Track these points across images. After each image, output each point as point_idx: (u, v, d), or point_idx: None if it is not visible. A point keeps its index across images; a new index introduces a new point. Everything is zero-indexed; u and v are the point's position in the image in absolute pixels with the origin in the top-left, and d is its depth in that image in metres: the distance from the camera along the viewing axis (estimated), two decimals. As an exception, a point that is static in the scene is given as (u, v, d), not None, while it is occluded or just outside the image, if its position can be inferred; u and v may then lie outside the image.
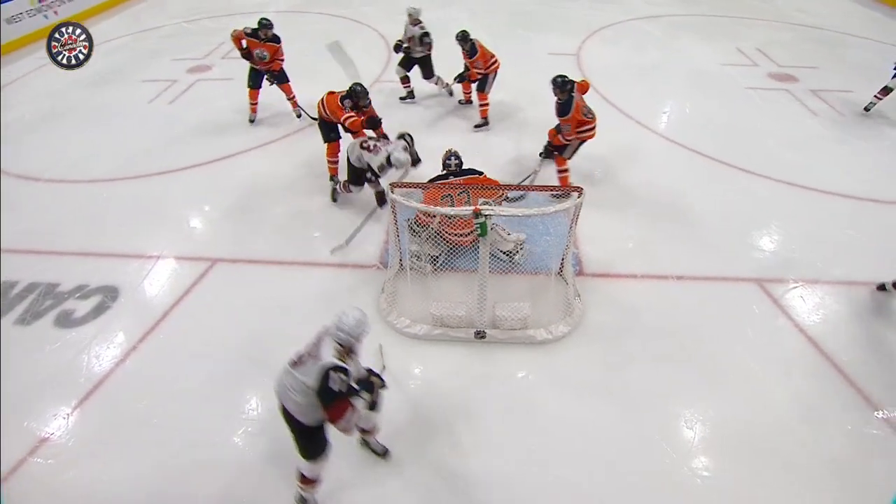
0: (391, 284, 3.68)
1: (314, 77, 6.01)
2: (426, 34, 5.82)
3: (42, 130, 6.13)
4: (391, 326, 3.46)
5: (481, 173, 4.04)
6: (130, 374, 3.27)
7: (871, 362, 3.28)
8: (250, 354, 3.34)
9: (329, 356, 2.16)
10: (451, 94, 6.43)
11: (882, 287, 3.74)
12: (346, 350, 2.24)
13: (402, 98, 6.39)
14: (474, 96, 5.95)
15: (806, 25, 9.14)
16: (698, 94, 6.75)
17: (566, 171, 4.58)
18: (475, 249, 3.13)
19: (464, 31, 5.58)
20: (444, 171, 4.05)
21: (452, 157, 4.04)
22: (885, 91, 5.95)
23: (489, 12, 9.59)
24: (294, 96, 6.02)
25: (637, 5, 10.09)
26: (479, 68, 5.53)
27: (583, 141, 4.42)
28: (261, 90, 5.89)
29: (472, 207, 2.75)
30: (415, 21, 5.86)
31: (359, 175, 4.29)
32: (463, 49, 5.56)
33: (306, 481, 2.46)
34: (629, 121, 6.04)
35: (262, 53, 5.56)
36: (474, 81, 5.72)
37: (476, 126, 5.85)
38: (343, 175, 4.53)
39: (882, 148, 5.56)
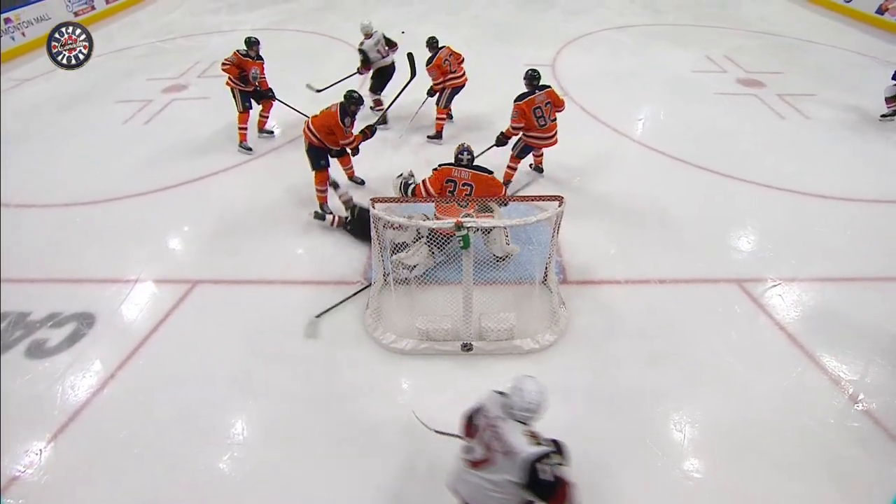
0: (376, 300, 3.65)
1: (288, 96, 6.04)
2: (386, 39, 5.81)
3: (11, 153, 5.95)
4: (377, 342, 3.43)
5: (491, 172, 3.92)
6: (109, 403, 3.16)
7: (850, 356, 3.35)
8: (234, 377, 3.27)
9: (520, 442, 1.90)
10: (384, 121, 5.96)
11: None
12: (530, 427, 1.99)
13: (380, 123, 5.71)
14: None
15: (768, 33, 9.50)
16: (672, 100, 6.93)
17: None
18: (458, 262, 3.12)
19: (431, 37, 5.67)
20: (454, 162, 3.93)
21: (465, 153, 3.90)
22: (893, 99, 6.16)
23: (464, 25, 9.75)
24: (268, 116, 5.98)
25: (609, 16, 10.37)
26: (434, 78, 5.53)
27: (528, 144, 4.71)
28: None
29: (455, 220, 2.75)
30: (368, 35, 5.81)
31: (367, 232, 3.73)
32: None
33: None
34: (606, 128, 6.16)
35: (256, 73, 5.48)
36: (434, 94, 5.64)
37: (428, 137, 5.84)
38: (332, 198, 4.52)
39: (847, 149, 5.76)
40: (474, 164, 3.97)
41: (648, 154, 5.65)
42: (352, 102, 4.38)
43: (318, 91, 6.13)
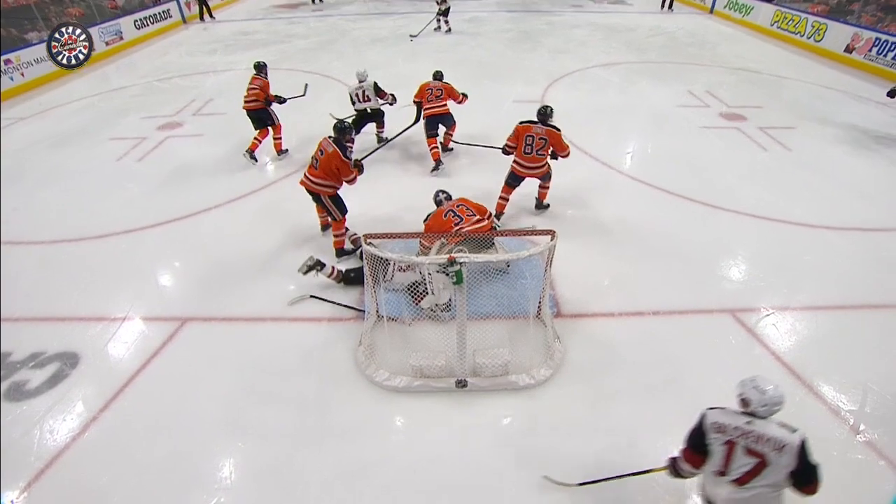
0: (368, 336, 3.59)
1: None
2: (376, 87, 6.10)
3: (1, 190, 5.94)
4: (370, 380, 3.35)
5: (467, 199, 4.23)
6: (89, 447, 3.03)
7: (847, 385, 3.33)
8: (222, 417, 3.17)
9: (783, 433, 2.01)
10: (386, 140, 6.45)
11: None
12: None
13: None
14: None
15: (745, 69, 9.91)
16: (658, 133, 7.13)
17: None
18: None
19: (437, 70, 6.13)
20: (436, 206, 4.27)
21: (440, 193, 4.35)
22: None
23: (455, 64, 10.05)
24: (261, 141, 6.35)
25: (593, 55, 10.77)
26: (418, 107, 5.96)
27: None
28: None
29: (447, 256, 2.74)
30: (360, 80, 6.13)
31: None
32: None
33: None
34: (595, 161, 6.28)
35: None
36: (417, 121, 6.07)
37: (432, 171, 5.96)
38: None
39: (829, 179, 5.91)
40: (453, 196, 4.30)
41: (637, 186, 5.76)
42: (345, 133, 4.44)
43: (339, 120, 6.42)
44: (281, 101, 6.29)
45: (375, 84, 6.13)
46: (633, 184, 5.82)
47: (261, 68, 6.33)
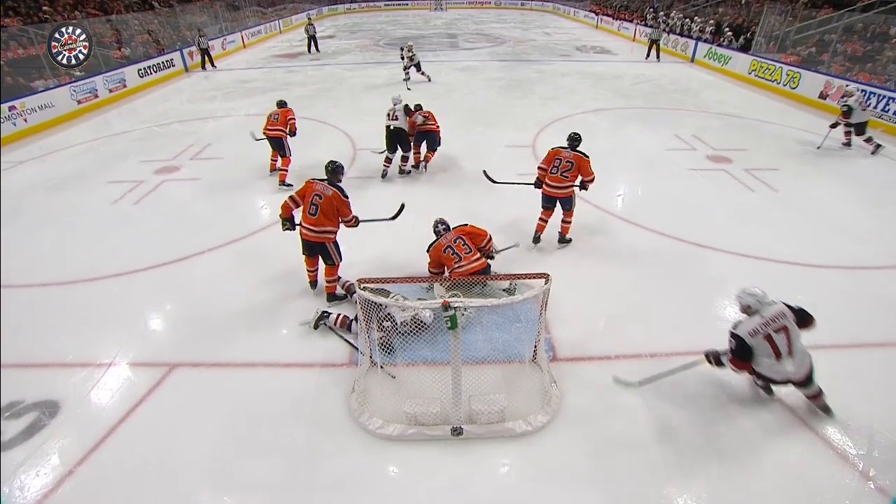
0: (362, 383, 3.50)
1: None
2: (406, 107, 6.97)
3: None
4: (363, 428, 3.24)
5: (465, 224, 4.54)
6: (63, 505, 2.86)
7: (852, 429, 3.25)
8: (208, 469, 3.03)
9: (779, 304, 3.10)
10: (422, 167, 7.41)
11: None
12: None
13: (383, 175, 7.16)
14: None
15: (728, 114, 10.32)
16: (648, 176, 7.30)
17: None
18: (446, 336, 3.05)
19: (417, 104, 7.31)
20: (436, 237, 4.49)
21: (440, 224, 4.56)
22: (848, 133, 7.66)
23: (449, 111, 10.34)
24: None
25: (582, 101, 11.18)
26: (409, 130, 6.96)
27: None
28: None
29: (441, 300, 2.72)
30: (395, 103, 7.00)
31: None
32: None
33: None
34: (587, 204, 6.36)
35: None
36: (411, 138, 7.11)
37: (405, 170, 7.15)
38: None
39: (815, 218, 6.02)
40: (457, 224, 4.57)
41: (630, 228, 5.83)
42: (339, 173, 4.31)
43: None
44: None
45: (406, 106, 6.91)
46: (625, 225, 5.89)
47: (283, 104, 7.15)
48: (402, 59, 12.78)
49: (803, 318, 3.10)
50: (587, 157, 5.02)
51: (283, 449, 3.15)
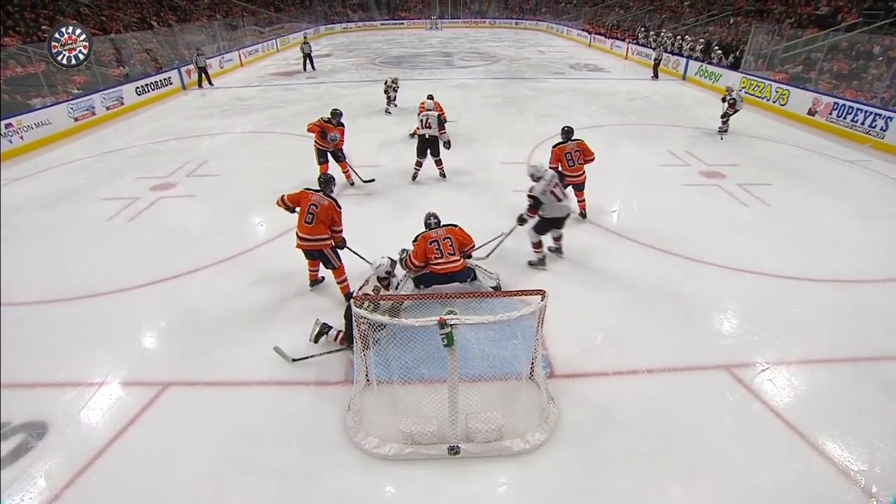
0: (357, 401, 3.45)
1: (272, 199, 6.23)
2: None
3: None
4: (359, 447, 3.19)
5: (456, 226, 4.72)
6: (49, 531, 2.79)
7: (852, 443, 3.23)
8: (199, 491, 2.96)
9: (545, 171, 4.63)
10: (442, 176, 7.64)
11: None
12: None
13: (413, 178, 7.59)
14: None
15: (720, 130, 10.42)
16: (643, 191, 7.36)
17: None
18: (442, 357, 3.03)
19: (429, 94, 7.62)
20: (426, 228, 4.65)
21: (432, 217, 4.70)
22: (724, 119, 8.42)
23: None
24: (348, 170, 7.35)
25: (577, 118, 11.30)
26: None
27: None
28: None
29: (437, 318, 2.71)
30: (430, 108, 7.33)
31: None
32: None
33: None
34: (582, 221, 6.41)
35: (334, 136, 6.89)
36: (413, 136, 7.88)
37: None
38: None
39: (808, 232, 6.07)
40: (448, 223, 4.75)
41: (625, 243, 5.85)
42: (331, 184, 4.63)
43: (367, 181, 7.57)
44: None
45: (439, 116, 7.10)
46: (620, 240, 5.91)
47: (334, 115, 7.20)
48: (386, 92, 11.96)
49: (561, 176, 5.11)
50: (583, 140, 6.05)
51: (278, 469, 3.10)
